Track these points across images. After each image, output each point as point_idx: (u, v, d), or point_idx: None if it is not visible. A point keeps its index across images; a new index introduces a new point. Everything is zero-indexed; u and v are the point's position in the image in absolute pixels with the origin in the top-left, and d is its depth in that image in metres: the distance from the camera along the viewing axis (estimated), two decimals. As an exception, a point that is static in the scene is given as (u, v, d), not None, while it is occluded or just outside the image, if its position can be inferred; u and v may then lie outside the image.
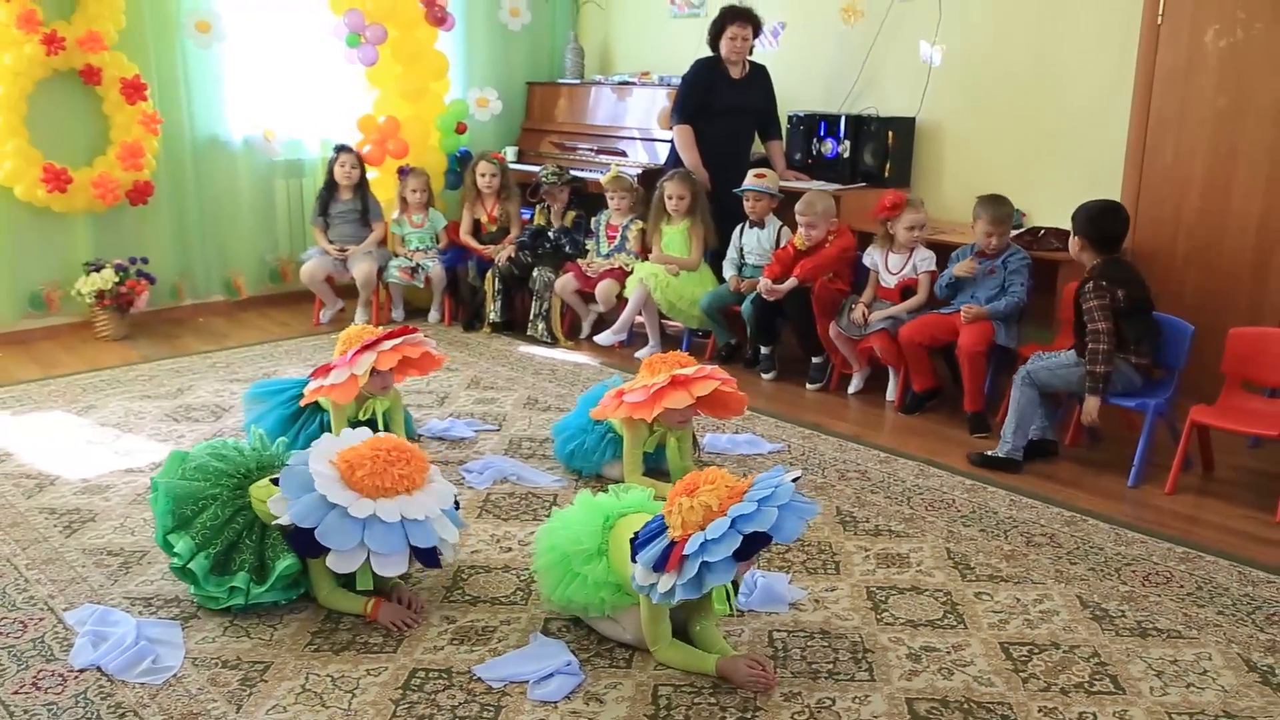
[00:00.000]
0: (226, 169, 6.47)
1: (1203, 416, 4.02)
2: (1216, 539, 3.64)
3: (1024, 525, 3.69)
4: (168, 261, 6.30)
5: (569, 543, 2.89)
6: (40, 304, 6.00)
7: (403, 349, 3.86)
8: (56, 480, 3.98)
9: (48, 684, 2.69)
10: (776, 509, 2.50)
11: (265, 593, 2.97)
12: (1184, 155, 4.94)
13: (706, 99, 5.82)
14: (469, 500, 3.82)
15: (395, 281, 6.26)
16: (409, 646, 2.86)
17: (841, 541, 3.53)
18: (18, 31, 5.44)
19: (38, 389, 5.08)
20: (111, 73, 5.81)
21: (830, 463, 4.26)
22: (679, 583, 2.52)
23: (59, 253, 5.98)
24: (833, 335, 5.06)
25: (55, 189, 5.67)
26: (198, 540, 2.98)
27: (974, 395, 4.66)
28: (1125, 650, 2.89)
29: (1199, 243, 4.93)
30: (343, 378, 3.78)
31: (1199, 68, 4.84)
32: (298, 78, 6.55)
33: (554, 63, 7.66)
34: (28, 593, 3.15)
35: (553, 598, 2.90)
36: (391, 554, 2.79)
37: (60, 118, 5.82)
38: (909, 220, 4.95)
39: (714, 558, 2.47)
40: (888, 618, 3.03)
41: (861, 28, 6.06)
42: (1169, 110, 4.96)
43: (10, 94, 5.53)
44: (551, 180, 6.18)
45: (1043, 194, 5.36)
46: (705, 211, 5.73)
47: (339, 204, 6.31)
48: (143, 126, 5.94)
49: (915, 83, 5.83)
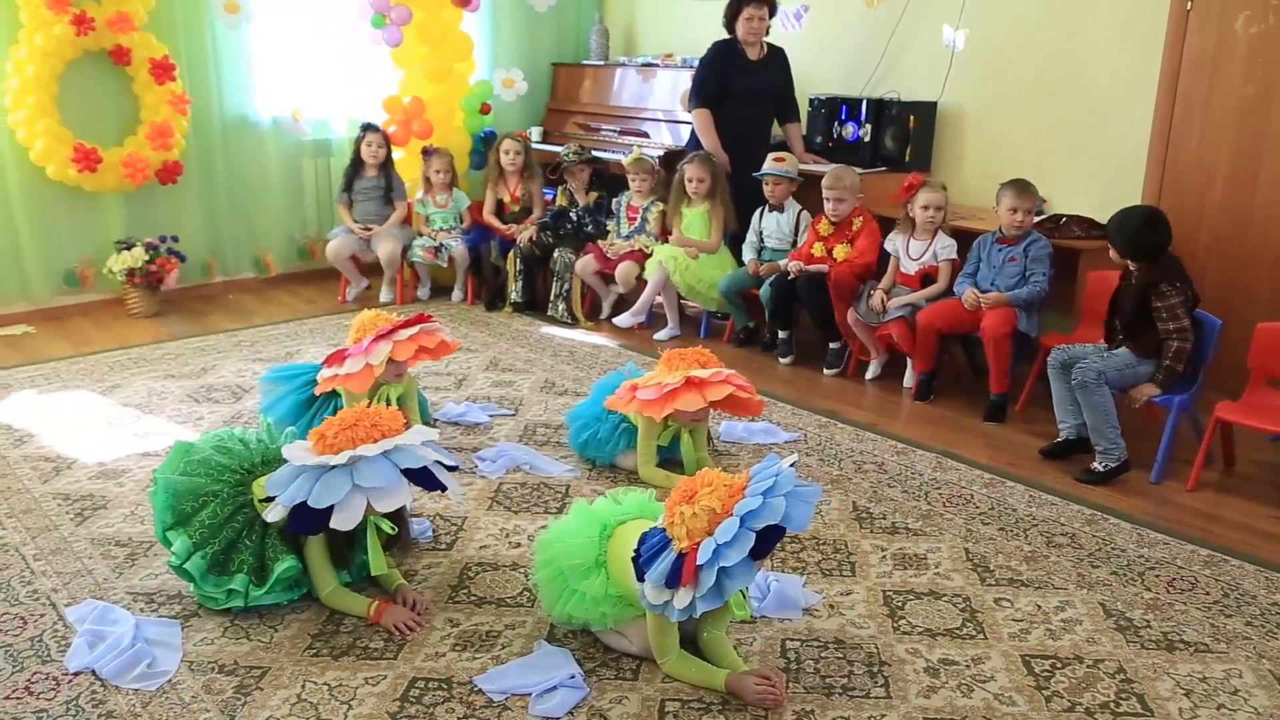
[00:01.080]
0: (255, 148, 6.22)
1: (1228, 414, 3.71)
2: (1240, 540, 3.35)
3: (1044, 524, 3.40)
4: (198, 239, 6.09)
5: (565, 557, 2.63)
6: (75, 281, 5.80)
7: (419, 338, 3.66)
8: (74, 464, 3.77)
9: (40, 688, 2.47)
10: (783, 498, 2.26)
11: (264, 595, 2.74)
12: (1209, 144, 4.59)
13: (724, 82, 5.50)
14: (480, 490, 3.57)
15: (419, 261, 6.00)
16: (410, 652, 2.62)
17: (858, 540, 3.26)
18: (48, 12, 5.23)
19: (67, 367, 4.87)
20: (141, 53, 5.58)
21: (847, 453, 3.98)
22: (698, 595, 2.27)
23: (91, 231, 5.77)
24: (850, 321, 4.77)
25: (85, 168, 5.46)
26: (195, 539, 2.75)
27: (999, 378, 4.37)
28: (1152, 665, 2.62)
29: (1222, 233, 4.59)
30: (358, 367, 3.57)
31: (1228, 55, 4.49)
32: (325, 58, 6.29)
33: (579, 44, 7.35)
34: (32, 585, 2.94)
35: (552, 614, 2.65)
36: (387, 486, 2.59)
37: (90, 98, 5.59)
38: (924, 199, 4.63)
39: (730, 562, 2.23)
40: (905, 625, 2.77)
41: (884, 11, 5.71)
42: (1195, 98, 4.61)
43: (41, 74, 5.31)
44: (572, 159, 5.90)
45: (1065, 182, 5.03)
46: (725, 194, 5.44)
47: (363, 181, 6.06)
48: (171, 106, 5.71)
49: (938, 67, 5.48)
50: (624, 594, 2.54)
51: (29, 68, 5.27)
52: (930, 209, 4.63)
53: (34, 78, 5.29)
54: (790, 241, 5.22)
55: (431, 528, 3.27)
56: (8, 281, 5.58)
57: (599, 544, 2.63)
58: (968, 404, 4.53)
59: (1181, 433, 3.87)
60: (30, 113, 5.32)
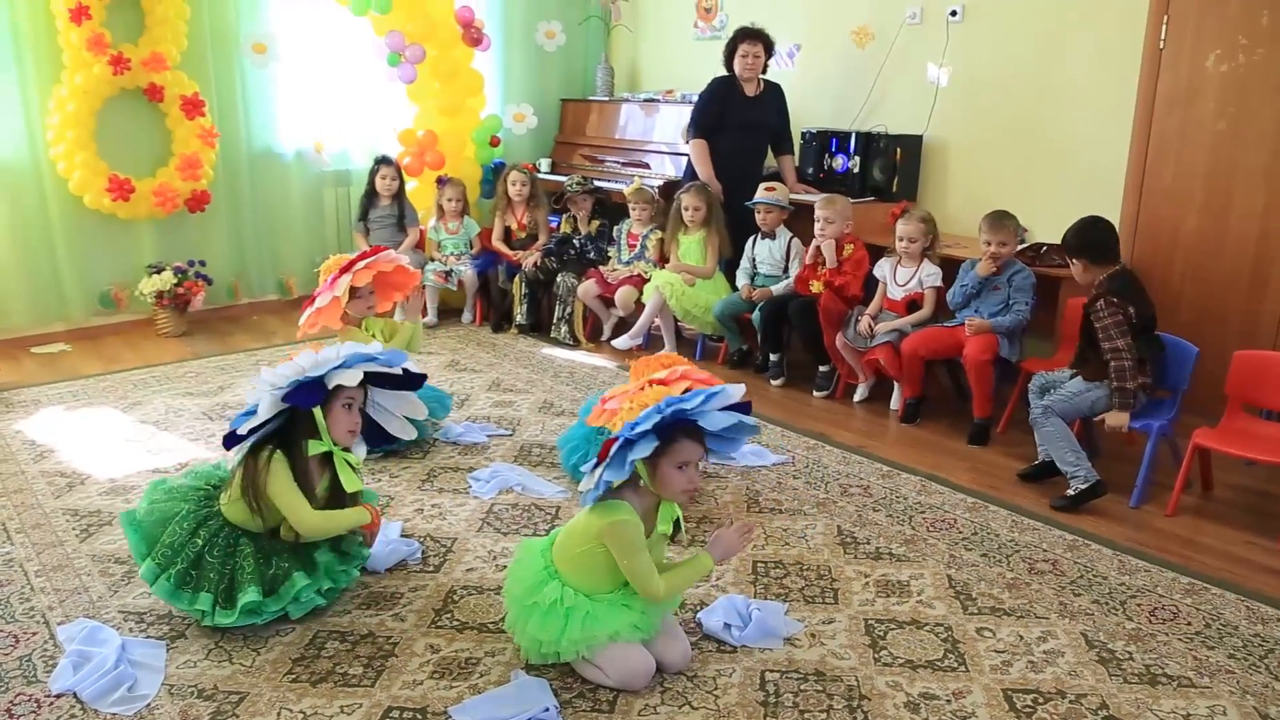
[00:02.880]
0: (279, 178, 6.03)
1: (1207, 440, 3.44)
2: (1220, 568, 3.08)
3: (1026, 550, 3.14)
4: (225, 264, 5.90)
5: (516, 585, 2.42)
6: (110, 303, 5.62)
7: (375, 265, 3.68)
8: (86, 480, 3.56)
9: (21, 711, 2.26)
10: (705, 398, 2.23)
11: (233, 619, 2.49)
12: (1183, 176, 4.34)
13: (721, 115, 5.29)
14: (472, 511, 3.34)
15: (431, 285, 5.79)
16: (388, 679, 2.38)
17: (841, 566, 3.00)
18: (88, 54, 5.09)
19: (94, 384, 4.68)
20: (173, 90, 5.43)
21: (834, 476, 3.72)
22: (605, 466, 2.19)
23: (125, 256, 5.60)
24: (839, 345, 4.53)
25: (119, 197, 5.31)
26: (159, 561, 2.53)
27: (982, 402, 4.12)
28: (1135, 701, 2.36)
29: (1196, 262, 4.33)
30: (326, 301, 3.60)
31: (1200, 92, 4.24)
32: (345, 94, 6.10)
33: (586, 81, 7.14)
34: (29, 603, 2.72)
35: (526, 650, 2.39)
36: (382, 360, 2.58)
37: (125, 132, 5.43)
38: (899, 229, 4.41)
39: (636, 435, 2.17)
40: (885, 657, 2.51)
41: (872, 50, 5.49)
42: (1169, 132, 4.36)
43: (80, 111, 5.17)
44: (575, 189, 5.70)
45: (1045, 211, 4.77)
46: (720, 222, 5.20)
47: (378, 209, 5.88)
48: (201, 140, 5.54)
49: (923, 102, 5.25)
50: (582, 589, 2.34)
51: (69, 105, 5.14)
52: (905, 240, 4.40)
53: (74, 114, 5.15)
54: (782, 268, 4.99)
55: (421, 549, 3.03)
56: (47, 303, 5.42)
57: (542, 558, 2.42)
58: (952, 427, 4.28)
59: (1160, 458, 3.61)
60: (69, 146, 5.18)
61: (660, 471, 2.29)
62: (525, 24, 6.72)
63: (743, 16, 5.65)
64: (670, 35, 6.75)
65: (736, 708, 2.29)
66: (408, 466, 3.71)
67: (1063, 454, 3.52)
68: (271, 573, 2.55)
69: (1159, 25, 4.32)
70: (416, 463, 3.75)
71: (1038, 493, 3.61)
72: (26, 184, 5.23)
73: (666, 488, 2.31)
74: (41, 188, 5.27)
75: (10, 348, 5.21)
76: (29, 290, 5.33)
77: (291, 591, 2.53)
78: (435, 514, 3.31)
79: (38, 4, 5.05)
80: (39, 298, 5.37)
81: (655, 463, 2.28)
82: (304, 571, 2.58)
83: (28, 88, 5.15)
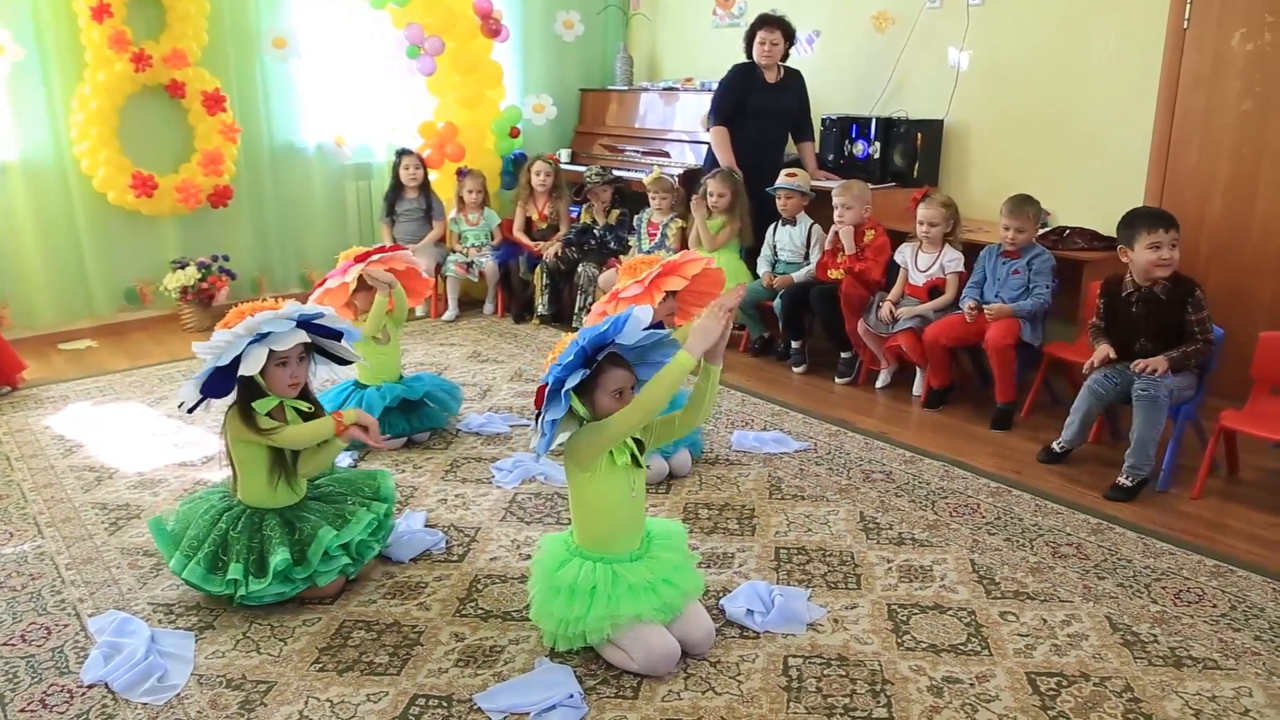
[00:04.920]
0: (301, 173, 6.07)
1: (1233, 422, 3.41)
2: (1247, 550, 3.05)
3: (1049, 533, 3.13)
4: (248, 258, 5.96)
5: (542, 570, 2.45)
6: (135, 298, 5.69)
7: (391, 261, 3.83)
8: (115, 474, 3.61)
9: (54, 701, 2.30)
10: (617, 323, 2.25)
11: (266, 587, 2.58)
12: (1208, 157, 4.29)
13: (741, 102, 5.27)
14: (495, 501, 3.37)
15: (452, 276, 5.82)
16: (413, 668, 2.41)
17: (864, 551, 3.00)
18: (110, 51, 5.15)
19: (121, 379, 4.74)
20: (195, 87, 5.48)
21: (856, 462, 3.72)
22: (545, 409, 2.21)
23: (149, 252, 5.67)
24: (860, 332, 4.52)
25: (142, 194, 5.36)
26: (187, 552, 2.63)
27: (1004, 387, 4.10)
28: (1159, 683, 2.35)
29: (1221, 244, 4.29)
30: (335, 285, 3.70)
31: (1225, 71, 4.19)
32: (365, 88, 6.12)
33: (605, 70, 7.13)
34: (60, 595, 2.77)
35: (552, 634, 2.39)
36: (284, 332, 2.57)
37: (148, 129, 5.47)
38: (920, 214, 4.38)
39: (564, 372, 2.19)
40: (909, 641, 2.51)
41: (892, 34, 5.45)
42: (1194, 113, 4.31)
43: (103, 108, 5.22)
44: (595, 180, 5.70)
45: (1068, 195, 4.74)
46: (745, 210, 5.18)
47: (405, 202, 5.90)
48: (223, 135, 5.59)
49: (944, 87, 5.21)
50: (597, 541, 2.42)
51: (92, 103, 5.19)
52: (925, 224, 4.37)
53: (97, 111, 5.20)
54: (803, 254, 4.98)
55: (445, 539, 3.06)
56: (73, 299, 5.49)
57: (565, 542, 2.48)
58: (975, 411, 4.26)
59: (1186, 440, 3.57)
60: (93, 144, 5.24)
61: (597, 404, 2.34)
62: (544, 14, 6.72)
63: (762, 3, 5.63)
64: (689, 23, 6.73)
65: (760, 693, 2.30)
66: (431, 457, 3.74)
67: (1150, 444, 3.41)
68: (297, 538, 2.64)
69: (1183, 4, 4.27)
70: (440, 453, 3.78)
71: (1062, 477, 3.59)
72: (51, 182, 5.29)
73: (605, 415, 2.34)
74: (66, 185, 5.33)
75: (38, 345, 5.28)
76: (56, 288, 5.40)
77: (320, 548, 2.62)
78: (459, 504, 3.34)
79: (60, 3, 5.10)
80: (65, 295, 5.44)
81: (591, 397, 2.35)
82: (329, 526, 2.67)
83: (51, 86, 5.20)
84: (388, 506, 2.88)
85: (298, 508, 2.74)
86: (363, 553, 2.77)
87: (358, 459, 3.70)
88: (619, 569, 2.38)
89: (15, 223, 5.22)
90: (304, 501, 2.77)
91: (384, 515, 2.85)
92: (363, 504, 2.81)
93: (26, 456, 3.78)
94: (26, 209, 5.23)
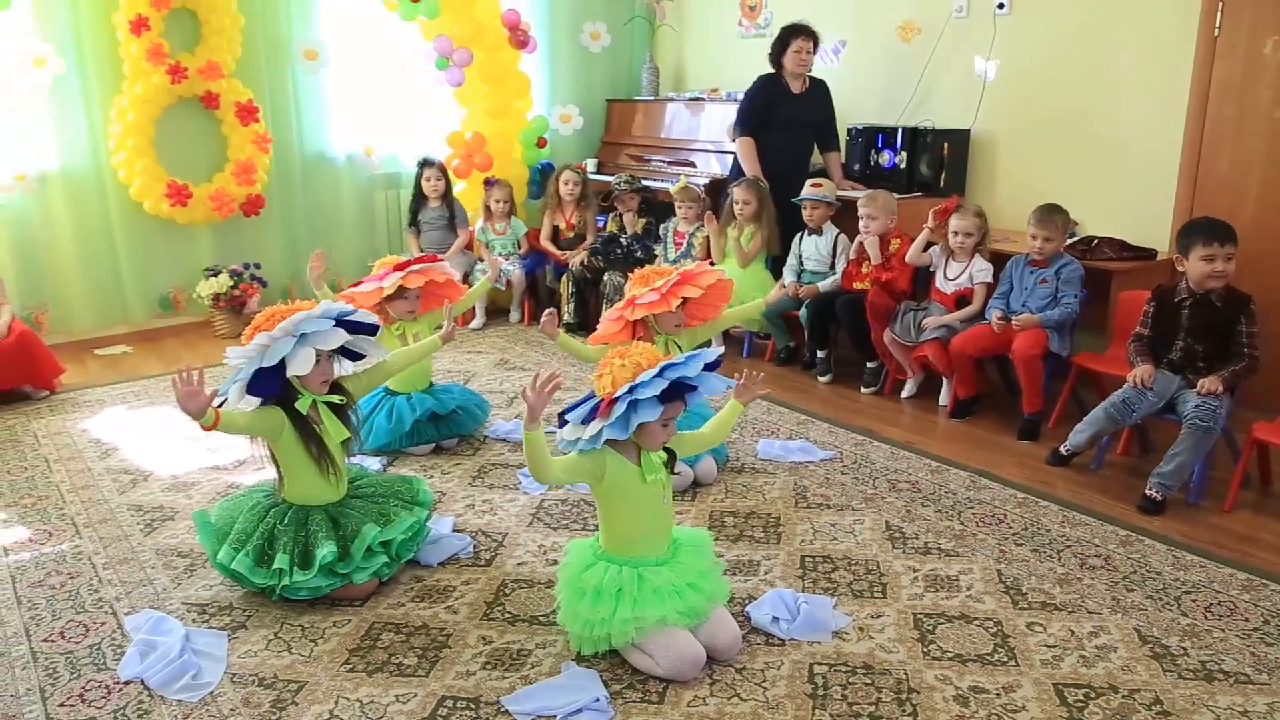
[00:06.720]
0: (331, 182, 6.16)
1: (1266, 434, 3.38)
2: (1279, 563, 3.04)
3: (1077, 545, 3.11)
4: (279, 266, 6.05)
5: (569, 573, 2.50)
6: (169, 305, 5.79)
7: (430, 273, 3.82)
8: (150, 476, 3.68)
9: (93, 696, 2.35)
10: (703, 364, 2.36)
11: (310, 578, 2.64)
12: (1240, 166, 4.26)
13: (768, 113, 5.29)
14: (523, 507, 3.40)
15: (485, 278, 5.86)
16: (442, 670, 2.44)
17: (890, 561, 3.00)
18: (147, 64, 5.27)
19: (156, 384, 4.82)
20: (228, 98, 5.58)
21: (881, 472, 3.72)
22: (606, 424, 2.29)
23: (183, 259, 5.78)
24: (887, 341, 4.51)
25: (177, 203, 5.47)
26: (234, 545, 2.70)
27: (1031, 398, 4.08)
28: (1190, 697, 2.33)
29: (1253, 254, 4.22)
30: (369, 289, 3.75)
31: (1256, 79, 4.16)
32: (394, 99, 6.21)
33: (631, 81, 7.18)
34: (98, 594, 2.83)
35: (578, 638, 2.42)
36: (325, 330, 2.65)
37: (183, 139, 5.59)
38: (955, 224, 4.37)
39: (641, 396, 2.27)
40: (935, 651, 2.51)
41: (918, 44, 5.46)
42: (1225, 121, 4.29)
43: (140, 119, 5.34)
44: (623, 188, 5.74)
45: (1097, 204, 4.72)
46: (771, 219, 5.20)
47: (428, 212, 5.97)
48: (255, 145, 5.68)
49: (970, 96, 5.21)
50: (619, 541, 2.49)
51: (130, 114, 5.31)
52: (960, 235, 4.36)
53: (133, 123, 5.32)
54: (828, 264, 4.98)
55: (473, 544, 3.09)
56: (109, 306, 5.60)
57: (591, 547, 2.53)
58: (1002, 422, 4.24)
59: (1217, 453, 3.55)
60: (130, 154, 5.35)
61: (647, 427, 2.39)
62: (570, 25, 6.78)
63: (788, 14, 5.65)
64: (714, 34, 6.76)
65: (785, 700, 2.31)
66: (459, 463, 3.78)
67: (1189, 470, 3.39)
68: (342, 533, 2.71)
69: (1214, 12, 4.25)
70: (467, 459, 3.82)
71: (1091, 489, 3.57)
72: (89, 191, 5.41)
73: (649, 440, 2.43)
74: (104, 195, 5.45)
75: (75, 350, 5.38)
76: (92, 294, 5.51)
77: (364, 543, 2.69)
78: (486, 509, 3.37)
79: (100, 16, 5.22)
80: (102, 301, 5.55)
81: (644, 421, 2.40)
82: (373, 523, 2.74)
83: (90, 98, 5.32)
84: (427, 512, 2.94)
85: (341, 505, 2.81)
86: (400, 554, 2.83)
87: (387, 464, 3.75)
88: (644, 572, 2.40)
89: (55, 231, 5.34)
90: (347, 499, 2.84)
91: (424, 520, 2.91)
92: (405, 506, 2.87)
93: (64, 459, 3.85)
94: (66, 217, 5.35)
